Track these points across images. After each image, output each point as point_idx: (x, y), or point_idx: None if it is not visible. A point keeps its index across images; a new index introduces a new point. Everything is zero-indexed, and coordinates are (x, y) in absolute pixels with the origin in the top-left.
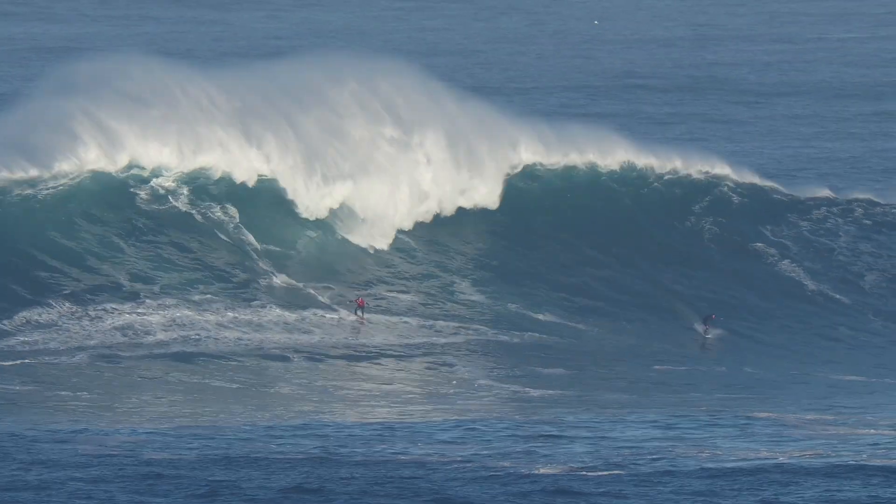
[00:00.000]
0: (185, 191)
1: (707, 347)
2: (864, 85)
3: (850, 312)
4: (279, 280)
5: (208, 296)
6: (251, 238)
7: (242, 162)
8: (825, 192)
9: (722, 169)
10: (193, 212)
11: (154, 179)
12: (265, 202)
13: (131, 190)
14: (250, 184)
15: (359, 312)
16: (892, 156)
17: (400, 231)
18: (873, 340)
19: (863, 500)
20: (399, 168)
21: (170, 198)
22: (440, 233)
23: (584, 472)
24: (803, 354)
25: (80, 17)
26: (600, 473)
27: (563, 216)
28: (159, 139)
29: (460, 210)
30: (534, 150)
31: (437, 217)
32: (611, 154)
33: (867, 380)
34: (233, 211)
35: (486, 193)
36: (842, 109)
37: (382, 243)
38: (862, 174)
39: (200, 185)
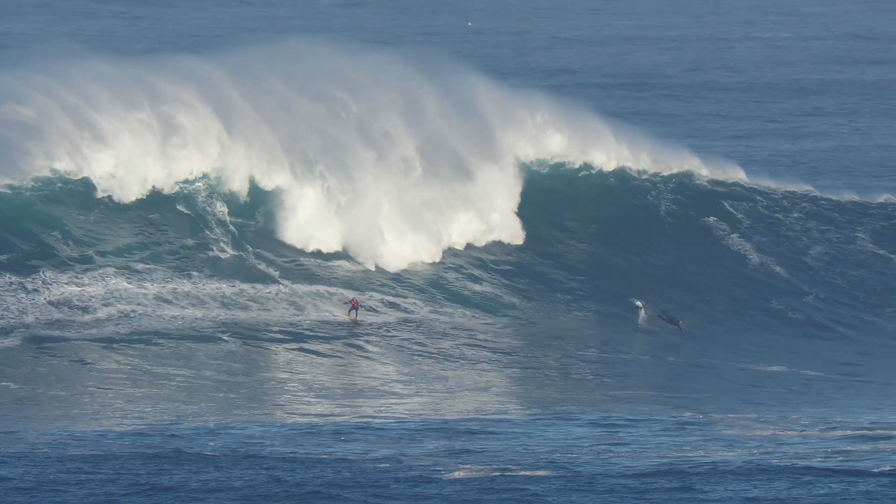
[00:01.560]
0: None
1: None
2: (790, 82)
3: (787, 301)
4: (229, 252)
5: (151, 266)
6: (206, 206)
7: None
8: (768, 184)
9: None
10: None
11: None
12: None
13: None
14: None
15: (352, 313)
16: (814, 153)
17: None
18: (808, 330)
19: (787, 501)
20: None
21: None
22: None
23: (510, 471)
24: (733, 346)
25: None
26: (525, 474)
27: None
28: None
29: None
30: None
31: None
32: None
33: (787, 369)
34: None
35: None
36: (770, 106)
37: None
38: (791, 168)
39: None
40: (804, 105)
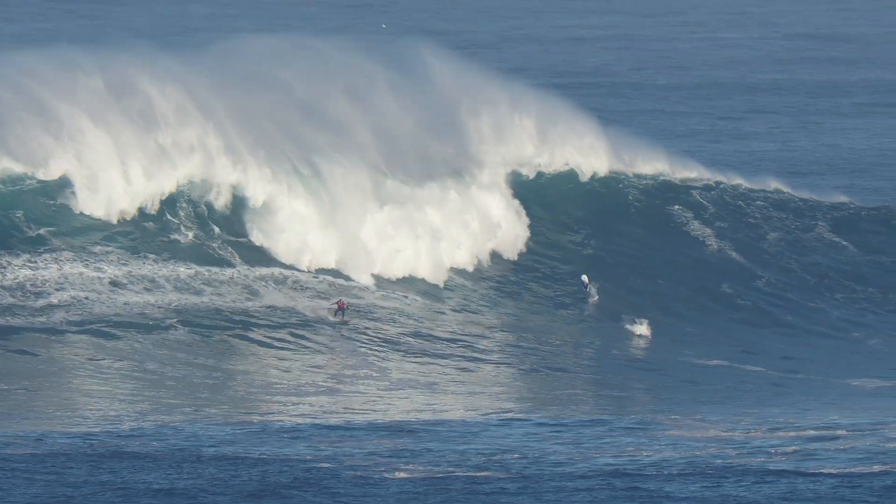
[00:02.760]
0: None
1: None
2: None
3: (738, 286)
4: (190, 235)
5: (108, 248)
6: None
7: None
8: (738, 181)
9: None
10: None
11: None
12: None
13: None
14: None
15: (339, 315)
16: (760, 152)
17: None
18: (754, 318)
19: (731, 501)
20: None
21: None
22: None
23: (454, 472)
24: (678, 337)
25: None
26: (470, 474)
27: None
28: None
29: None
30: None
31: None
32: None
33: (729, 364)
34: None
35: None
36: (715, 104)
37: None
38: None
39: None
40: (749, 104)
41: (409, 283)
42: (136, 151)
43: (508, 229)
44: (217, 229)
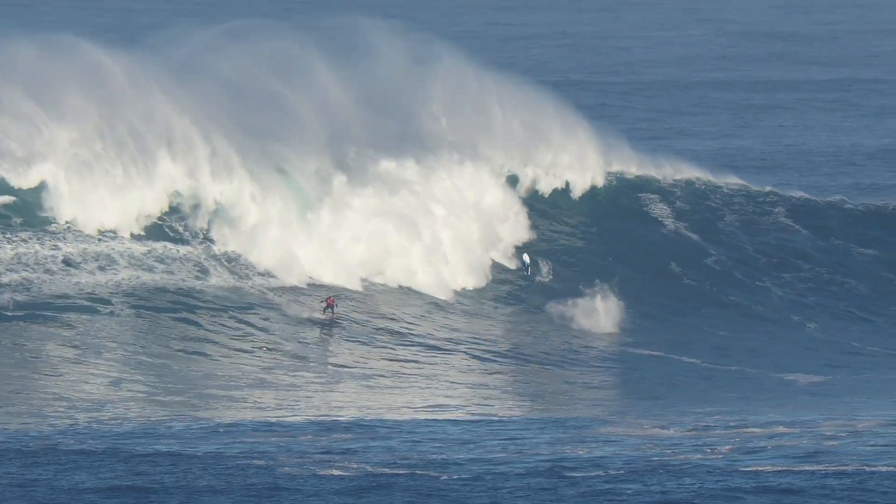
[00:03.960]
0: None
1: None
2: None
3: (686, 265)
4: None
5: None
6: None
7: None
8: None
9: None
10: None
11: None
12: None
13: None
14: None
15: (328, 311)
16: (701, 150)
17: None
18: (696, 303)
19: (668, 499)
20: None
21: None
22: None
23: (390, 470)
24: (619, 324)
25: None
26: (406, 472)
27: None
28: None
29: None
30: None
31: None
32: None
33: (665, 355)
34: None
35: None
36: (655, 101)
37: None
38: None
39: None
40: (691, 101)
41: (367, 275)
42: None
43: (462, 222)
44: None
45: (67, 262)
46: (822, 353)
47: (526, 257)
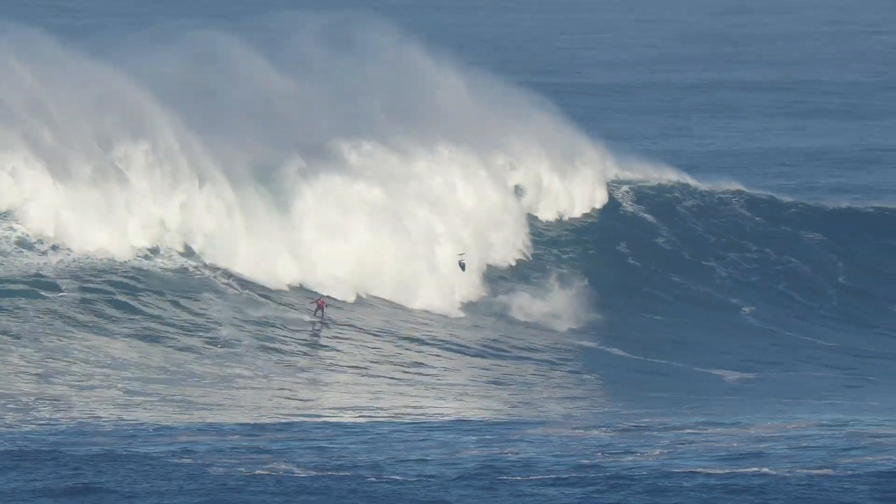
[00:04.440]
0: None
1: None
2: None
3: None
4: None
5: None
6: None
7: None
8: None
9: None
10: None
11: None
12: None
13: None
14: None
15: (318, 314)
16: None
17: None
18: (639, 286)
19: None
20: None
21: None
22: None
23: (315, 472)
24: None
25: None
26: (332, 474)
27: None
28: None
29: None
30: None
31: None
32: None
33: (597, 346)
34: None
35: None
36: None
37: None
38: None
39: None
40: (626, 103)
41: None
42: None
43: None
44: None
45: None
46: (754, 343)
47: (461, 257)
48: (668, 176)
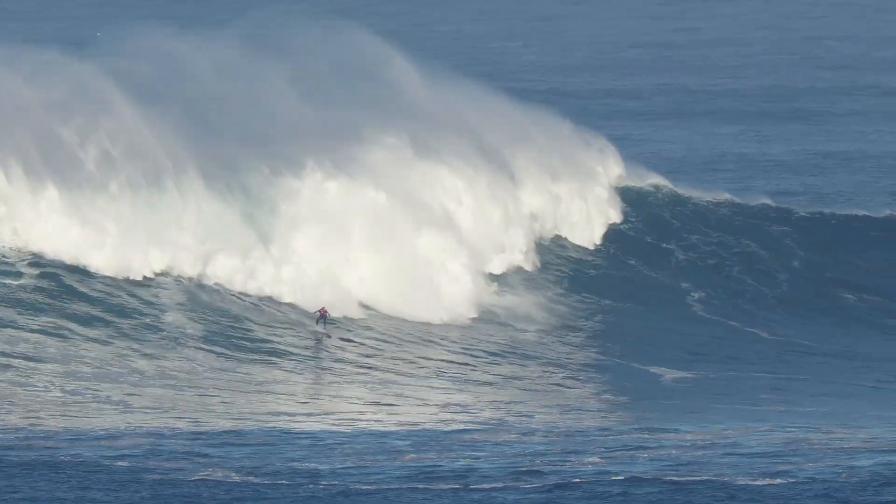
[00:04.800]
0: None
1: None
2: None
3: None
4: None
5: None
6: None
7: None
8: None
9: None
10: None
11: None
12: None
13: None
14: None
15: (321, 322)
16: None
17: None
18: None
19: None
20: None
21: None
22: None
23: (250, 478)
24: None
25: None
26: (266, 482)
27: None
28: None
29: None
30: None
31: None
32: None
33: (540, 339)
34: None
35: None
36: None
37: None
38: None
39: None
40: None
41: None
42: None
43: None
44: None
45: None
46: (701, 331)
47: (318, 313)
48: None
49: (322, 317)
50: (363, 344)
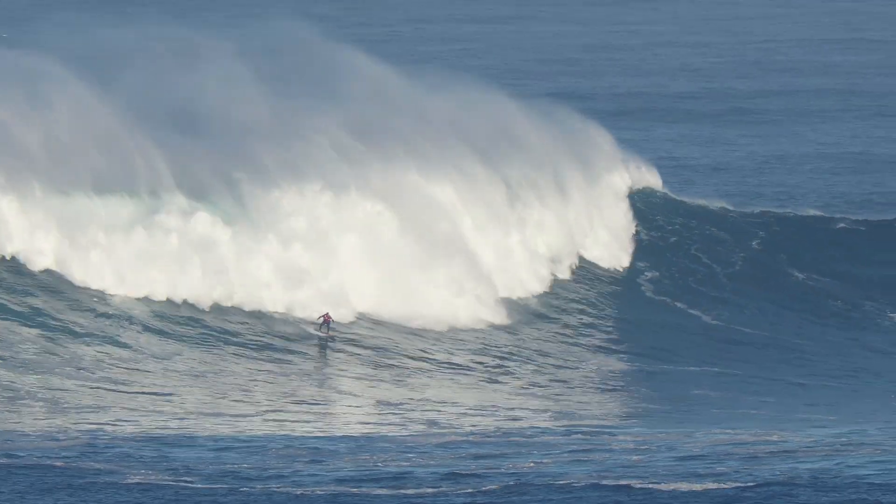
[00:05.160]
0: None
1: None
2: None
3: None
4: None
5: None
6: None
7: None
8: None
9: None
10: None
11: None
12: None
13: None
14: None
15: (324, 328)
16: None
17: None
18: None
19: None
20: None
21: None
22: None
23: (186, 481)
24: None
25: None
26: (205, 486)
27: None
28: None
29: None
30: None
31: None
32: None
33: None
34: None
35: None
36: None
37: None
38: None
39: None
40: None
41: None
42: None
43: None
44: None
45: None
46: (651, 318)
47: (321, 318)
48: None
49: (325, 322)
50: (356, 352)
